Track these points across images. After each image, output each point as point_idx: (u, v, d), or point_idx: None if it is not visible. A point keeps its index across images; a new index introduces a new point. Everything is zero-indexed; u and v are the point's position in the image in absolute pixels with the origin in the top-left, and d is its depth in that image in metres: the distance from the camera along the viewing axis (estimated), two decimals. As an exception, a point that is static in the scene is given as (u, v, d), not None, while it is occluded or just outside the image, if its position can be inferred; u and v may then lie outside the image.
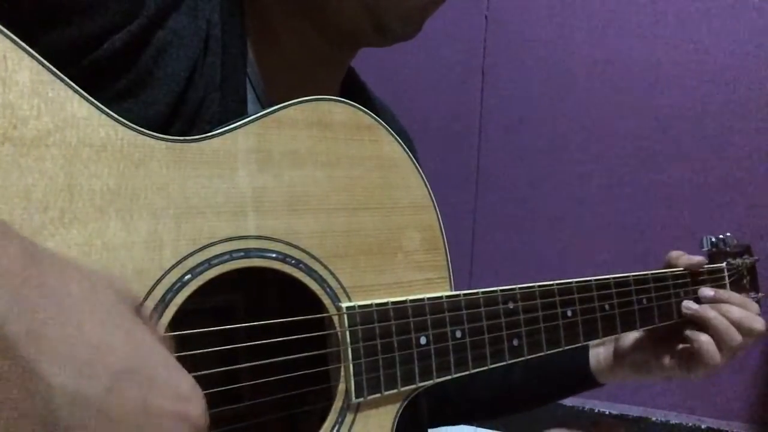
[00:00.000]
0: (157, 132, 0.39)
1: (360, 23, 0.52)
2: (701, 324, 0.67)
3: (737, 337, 0.65)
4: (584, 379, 0.74)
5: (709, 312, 0.67)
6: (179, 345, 0.36)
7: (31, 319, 0.23)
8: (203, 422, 0.28)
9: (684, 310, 0.68)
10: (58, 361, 0.23)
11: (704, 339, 0.66)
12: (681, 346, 0.69)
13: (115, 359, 0.25)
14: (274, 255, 0.43)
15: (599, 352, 0.74)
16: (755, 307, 0.68)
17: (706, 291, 0.70)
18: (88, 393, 0.24)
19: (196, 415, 0.28)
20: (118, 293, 0.29)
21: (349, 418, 0.47)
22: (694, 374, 0.68)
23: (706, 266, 0.73)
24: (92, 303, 0.26)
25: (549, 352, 0.57)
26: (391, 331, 0.48)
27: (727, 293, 0.69)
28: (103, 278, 0.28)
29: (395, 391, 0.48)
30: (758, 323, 0.66)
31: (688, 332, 0.67)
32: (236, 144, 0.43)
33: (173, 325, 0.38)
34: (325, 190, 0.47)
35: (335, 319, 0.46)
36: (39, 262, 0.25)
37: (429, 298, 0.50)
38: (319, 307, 0.46)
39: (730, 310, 0.67)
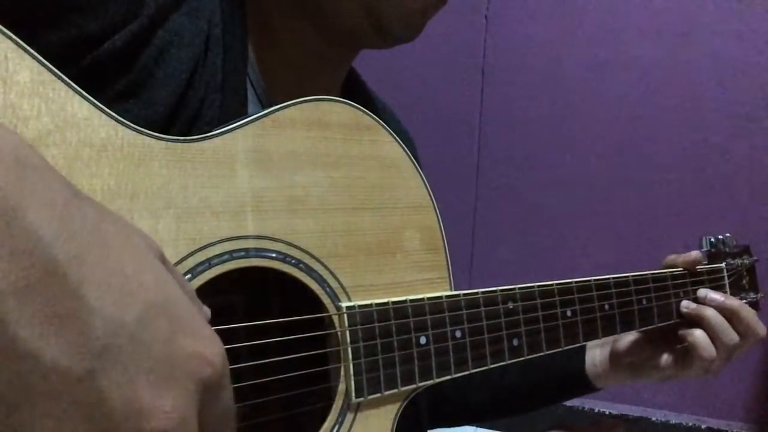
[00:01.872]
0: (157, 132, 0.39)
1: (360, 25, 0.52)
2: (698, 322, 0.67)
3: (734, 336, 0.66)
4: (580, 384, 0.74)
5: (706, 310, 0.67)
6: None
7: (77, 244, 0.24)
8: (222, 367, 0.29)
9: (682, 309, 0.69)
10: (98, 286, 0.24)
11: (698, 333, 0.66)
12: (679, 346, 0.69)
13: (147, 292, 0.26)
14: (273, 255, 0.44)
15: (595, 356, 0.73)
16: (753, 312, 0.68)
17: (704, 292, 0.70)
18: (122, 319, 0.25)
19: (217, 360, 0.28)
20: (147, 242, 0.30)
21: (349, 417, 0.47)
22: (690, 372, 0.67)
23: (705, 266, 0.73)
24: (126, 241, 0.27)
25: (549, 352, 0.57)
26: (391, 331, 0.48)
27: (726, 297, 0.69)
28: (133, 226, 0.30)
29: (395, 390, 0.48)
30: (760, 328, 0.67)
31: (682, 330, 0.68)
32: (236, 144, 0.43)
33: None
34: (325, 190, 0.47)
35: (335, 318, 0.46)
36: (80, 197, 0.26)
37: (429, 298, 0.50)
38: (319, 306, 0.46)
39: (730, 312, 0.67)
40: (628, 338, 0.71)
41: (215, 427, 0.30)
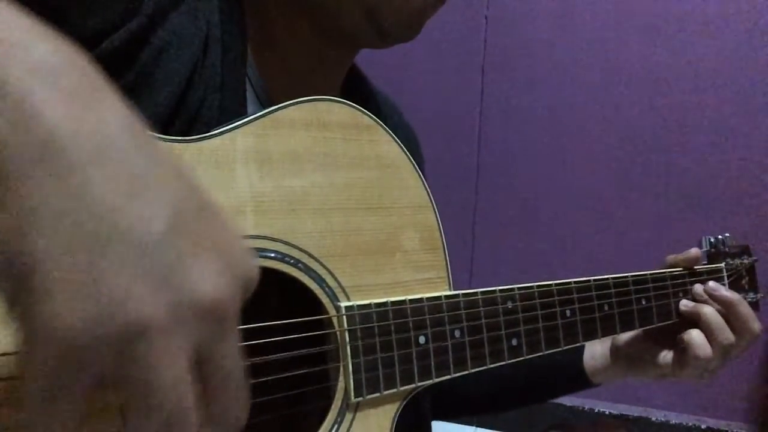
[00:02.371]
0: (156, 133, 0.39)
1: (359, 25, 0.52)
2: (696, 320, 0.67)
3: (729, 335, 0.66)
4: (577, 377, 0.74)
5: (704, 308, 0.67)
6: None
7: (151, 137, 0.26)
8: (256, 283, 0.29)
9: (681, 308, 0.69)
10: (171, 168, 0.26)
11: (695, 333, 0.66)
12: (677, 346, 0.69)
13: (205, 192, 0.28)
14: (273, 255, 0.44)
15: (595, 350, 0.74)
16: (750, 308, 0.68)
17: (700, 287, 0.70)
18: (192, 200, 0.26)
19: (256, 273, 0.29)
20: None
21: (348, 417, 0.47)
22: (687, 372, 0.67)
23: (705, 266, 0.73)
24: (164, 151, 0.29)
25: (548, 351, 0.57)
26: (390, 331, 0.48)
27: (727, 289, 0.69)
28: None
29: (394, 390, 0.48)
30: (756, 325, 0.67)
31: (679, 331, 0.68)
32: (235, 144, 0.43)
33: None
34: (324, 190, 0.47)
35: (334, 318, 0.46)
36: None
37: (428, 298, 0.50)
38: (318, 306, 0.46)
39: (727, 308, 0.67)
40: (629, 332, 0.71)
41: None
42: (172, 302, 0.24)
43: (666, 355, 0.69)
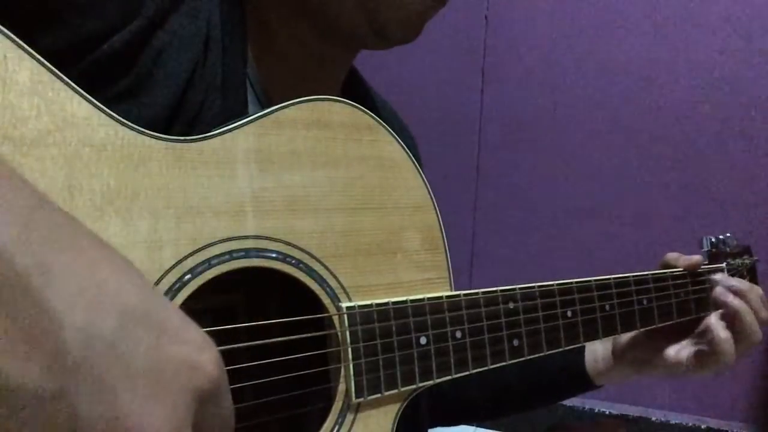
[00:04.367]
0: (157, 134, 0.39)
1: (359, 27, 0.52)
2: (729, 314, 0.67)
3: (758, 329, 0.65)
4: (579, 380, 0.73)
5: (741, 304, 0.66)
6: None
7: (42, 251, 0.23)
8: (218, 374, 0.27)
9: (719, 297, 0.68)
10: (67, 295, 0.23)
11: (724, 337, 0.65)
12: (687, 341, 0.69)
13: (126, 300, 0.25)
14: (274, 255, 0.43)
15: (596, 351, 0.73)
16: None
17: (726, 280, 0.70)
18: (97, 330, 0.23)
19: (210, 366, 0.27)
20: (123, 257, 0.28)
21: (349, 418, 0.47)
22: (706, 369, 0.67)
23: (706, 266, 0.73)
24: (101, 249, 0.26)
25: (549, 352, 0.57)
26: (391, 331, 0.48)
27: (749, 285, 0.69)
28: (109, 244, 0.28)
29: (395, 391, 0.48)
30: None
31: (711, 325, 0.66)
32: (236, 144, 0.43)
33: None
34: (325, 190, 0.47)
35: (335, 319, 0.46)
36: (50, 206, 0.25)
37: (429, 298, 0.50)
38: (320, 307, 0.46)
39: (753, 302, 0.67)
40: (629, 334, 0.70)
41: None
42: None
43: (679, 353, 0.68)
